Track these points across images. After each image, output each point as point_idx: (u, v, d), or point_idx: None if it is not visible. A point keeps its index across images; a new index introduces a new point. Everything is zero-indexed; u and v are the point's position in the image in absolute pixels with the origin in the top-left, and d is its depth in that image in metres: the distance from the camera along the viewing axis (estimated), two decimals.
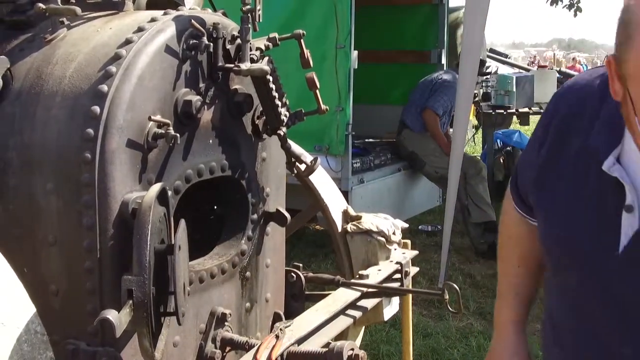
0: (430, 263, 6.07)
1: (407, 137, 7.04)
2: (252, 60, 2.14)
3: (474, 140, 11.96)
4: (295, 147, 2.50)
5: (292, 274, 2.72)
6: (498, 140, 9.10)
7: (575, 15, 12.29)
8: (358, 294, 2.64)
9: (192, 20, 2.06)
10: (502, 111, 8.71)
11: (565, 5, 12.37)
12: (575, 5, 12.23)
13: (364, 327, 3.28)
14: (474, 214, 6.50)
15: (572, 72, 14.00)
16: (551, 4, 12.72)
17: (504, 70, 12.87)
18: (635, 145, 1.42)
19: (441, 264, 4.76)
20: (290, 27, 5.02)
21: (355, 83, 6.06)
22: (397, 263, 2.88)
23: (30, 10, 2.14)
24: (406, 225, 3.15)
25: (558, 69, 12.68)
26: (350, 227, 2.97)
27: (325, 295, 2.63)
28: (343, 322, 2.54)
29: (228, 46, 2.17)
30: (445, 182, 6.79)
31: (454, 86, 6.73)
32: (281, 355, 2.11)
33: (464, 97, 4.59)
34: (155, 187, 1.82)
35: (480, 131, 10.22)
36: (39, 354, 1.66)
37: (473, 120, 11.91)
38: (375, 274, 2.77)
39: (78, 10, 2.07)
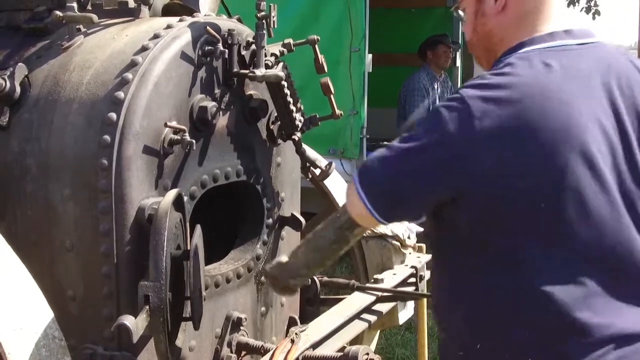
0: None
1: None
2: (267, 66, 2.15)
3: None
4: (310, 152, 2.50)
5: None
6: None
7: (593, 18, 12.18)
8: (373, 298, 2.64)
9: (208, 27, 2.07)
10: None
11: (583, 8, 12.26)
12: (594, 8, 12.11)
13: (379, 331, 3.28)
14: None
15: None
16: (568, 5, 12.62)
17: None
18: None
19: None
20: (304, 30, 5.05)
21: (369, 86, 6.04)
22: (412, 267, 2.88)
23: (48, 18, 2.16)
24: (421, 229, 3.14)
25: None
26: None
27: (340, 300, 2.64)
28: (358, 326, 2.54)
29: (243, 52, 2.18)
30: None
31: (415, 85, 6.76)
32: (296, 359, 2.12)
33: None
34: (172, 193, 1.83)
35: None
36: (57, 358, 1.67)
37: None
38: (390, 278, 2.77)
39: (95, 17, 2.09)
